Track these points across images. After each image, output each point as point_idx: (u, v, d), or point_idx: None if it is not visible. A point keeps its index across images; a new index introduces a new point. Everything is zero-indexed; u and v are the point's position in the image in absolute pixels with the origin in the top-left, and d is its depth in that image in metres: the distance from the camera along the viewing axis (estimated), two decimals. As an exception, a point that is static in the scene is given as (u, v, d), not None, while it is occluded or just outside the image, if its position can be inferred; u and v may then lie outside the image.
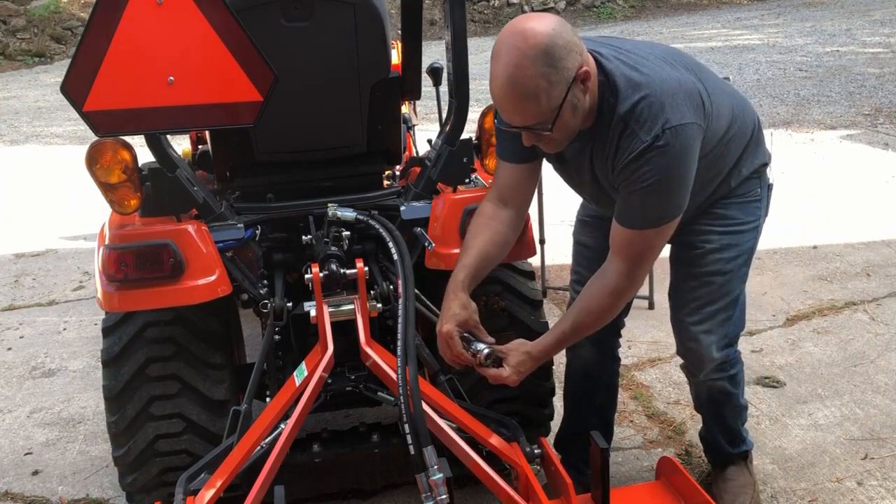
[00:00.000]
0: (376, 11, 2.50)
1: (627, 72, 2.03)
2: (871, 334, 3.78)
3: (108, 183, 2.30)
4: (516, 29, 1.91)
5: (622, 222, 2.10)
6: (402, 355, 2.10)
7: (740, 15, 16.04)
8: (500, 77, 1.91)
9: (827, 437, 3.01)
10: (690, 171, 2.06)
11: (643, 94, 1.99)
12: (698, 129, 2.04)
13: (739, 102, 2.33)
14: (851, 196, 5.74)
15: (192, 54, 2.06)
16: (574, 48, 1.92)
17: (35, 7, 14.93)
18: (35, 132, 9.54)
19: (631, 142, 2.00)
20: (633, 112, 1.99)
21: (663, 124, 1.97)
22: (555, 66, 1.88)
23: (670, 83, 2.03)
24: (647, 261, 2.14)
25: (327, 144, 2.66)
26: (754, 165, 2.36)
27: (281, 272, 2.55)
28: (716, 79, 2.25)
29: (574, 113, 1.98)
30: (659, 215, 2.07)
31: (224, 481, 2.13)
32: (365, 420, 2.81)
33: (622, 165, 2.03)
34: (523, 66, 1.87)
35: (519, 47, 1.87)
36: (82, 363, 3.91)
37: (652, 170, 1.99)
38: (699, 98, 2.07)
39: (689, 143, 2.02)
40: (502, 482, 2.16)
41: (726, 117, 2.20)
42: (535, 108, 1.93)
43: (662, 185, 2.02)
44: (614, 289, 2.14)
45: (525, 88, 1.89)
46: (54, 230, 5.94)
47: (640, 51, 2.12)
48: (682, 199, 2.08)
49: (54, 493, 2.95)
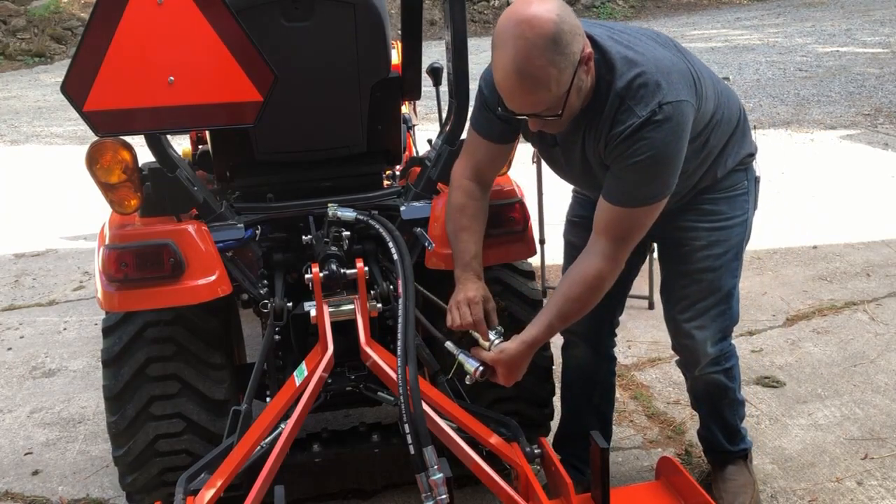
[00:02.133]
0: (376, 11, 2.50)
1: (622, 50, 2.04)
2: (871, 334, 3.79)
3: (108, 183, 2.30)
4: (521, 16, 1.87)
5: (610, 199, 2.09)
6: (402, 355, 2.10)
7: (740, 15, 16.05)
8: (508, 68, 1.89)
9: (827, 437, 3.02)
10: (682, 150, 2.06)
11: (639, 70, 2.00)
12: (691, 107, 2.05)
13: (723, 90, 2.33)
14: (851, 196, 5.74)
15: (192, 54, 2.06)
16: (577, 31, 1.92)
17: (35, 7, 14.93)
18: (35, 132, 9.54)
19: (627, 117, 2.00)
20: (630, 88, 2.00)
21: (660, 100, 1.98)
22: (563, 52, 1.87)
23: (664, 62, 2.05)
24: (631, 240, 2.14)
25: (327, 144, 2.66)
26: (740, 155, 2.36)
27: (281, 272, 2.55)
28: (701, 64, 2.26)
29: (578, 94, 1.99)
30: (649, 193, 2.07)
31: (224, 481, 2.13)
32: (365, 420, 2.80)
33: (617, 141, 2.03)
34: (532, 56, 1.85)
35: (526, 36, 1.85)
36: (82, 363, 3.91)
37: (646, 145, 1.99)
38: (691, 78, 2.09)
39: (683, 119, 2.02)
40: (502, 482, 2.16)
41: (713, 101, 2.21)
42: (545, 96, 1.93)
43: (655, 161, 2.02)
44: (598, 272, 2.13)
45: (535, 78, 1.88)
46: (54, 230, 5.94)
47: (631, 32, 2.15)
48: (672, 178, 2.08)
49: (54, 493, 2.96)
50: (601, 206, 2.12)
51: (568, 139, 2.18)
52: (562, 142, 2.21)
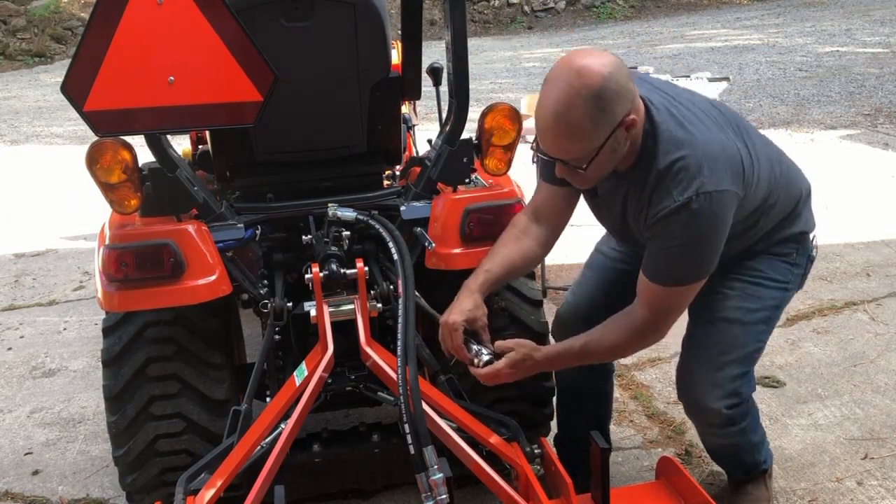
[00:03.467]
0: (376, 11, 2.50)
1: (673, 127, 2.01)
2: (871, 334, 3.79)
3: (108, 183, 2.30)
4: (574, 64, 1.89)
5: (647, 275, 2.09)
6: (402, 355, 2.10)
7: (740, 15, 16.05)
8: (548, 108, 1.91)
9: (827, 437, 3.01)
10: (720, 238, 2.04)
11: (683, 153, 1.97)
12: (734, 196, 2.02)
13: (784, 172, 2.25)
14: (851, 196, 5.74)
15: (192, 54, 2.06)
16: (626, 94, 1.91)
17: (35, 7, 14.94)
18: (35, 132, 9.55)
19: (663, 199, 1.99)
20: (671, 170, 1.98)
21: (698, 188, 1.95)
22: (603, 109, 1.88)
23: (714, 146, 2.00)
24: (670, 316, 2.12)
25: (327, 144, 2.66)
26: (790, 233, 2.30)
27: (281, 272, 2.55)
28: (765, 145, 2.21)
29: (612, 156, 1.98)
30: (684, 275, 2.06)
31: (224, 481, 2.13)
32: (365, 420, 2.81)
33: (653, 220, 2.02)
34: (572, 104, 1.87)
35: (572, 84, 1.87)
36: (82, 363, 3.91)
37: (681, 230, 1.98)
38: (741, 165, 2.04)
39: (722, 210, 2.00)
40: (502, 482, 2.16)
41: (765, 187, 2.15)
42: (574, 146, 1.93)
43: (689, 248, 2.01)
44: (637, 332, 2.12)
45: (569, 126, 1.89)
46: (54, 230, 5.94)
47: (693, 106, 2.09)
48: (710, 263, 2.07)
49: (54, 493, 2.96)
50: (641, 278, 2.11)
51: (610, 195, 2.17)
52: (603, 194, 2.20)
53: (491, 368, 2.16)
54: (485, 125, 2.55)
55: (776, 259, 2.31)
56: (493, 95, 9.82)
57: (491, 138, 2.54)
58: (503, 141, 2.55)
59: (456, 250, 2.45)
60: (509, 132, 2.54)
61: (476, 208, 2.45)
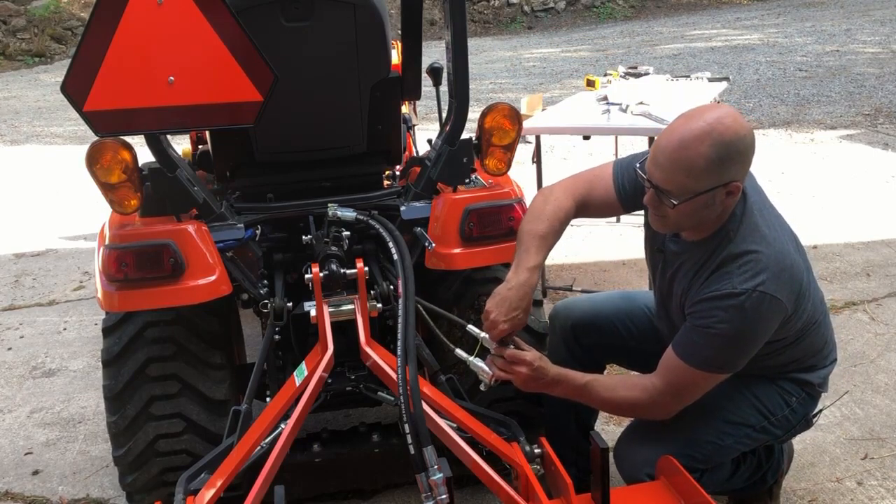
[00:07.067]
0: (376, 11, 2.50)
1: (760, 223, 2.06)
2: (871, 334, 3.78)
3: (108, 183, 2.30)
4: (722, 110, 1.96)
5: (676, 350, 2.09)
6: (402, 355, 2.10)
7: (740, 15, 16.06)
8: (676, 133, 1.94)
9: (827, 437, 3.01)
10: (758, 341, 2.05)
11: (760, 248, 2.01)
12: (783, 310, 2.03)
13: (823, 326, 2.27)
14: (851, 196, 5.74)
15: (192, 54, 2.06)
16: (744, 162, 1.97)
17: (35, 7, 14.94)
18: (35, 132, 9.55)
19: (721, 281, 2.01)
20: (742, 257, 2.00)
21: (758, 284, 1.97)
22: (722, 161, 1.91)
23: (786, 259, 2.04)
24: (682, 398, 2.12)
25: (327, 144, 2.66)
26: (803, 378, 2.28)
27: (281, 272, 2.55)
28: (817, 290, 2.24)
29: (702, 210, 1.99)
30: (711, 362, 2.06)
31: (224, 481, 2.12)
32: (365, 420, 2.81)
33: (702, 297, 2.03)
34: (702, 140, 1.90)
35: (712, 124, 1.91)
36: (82, 363, 3.91)
37: (725, 318, 1.99)
38: (800, 287, 2.07)
39: (770, 315, 2.01)
40: (502, 482, 2.15)
41: (803, 323, 2.16)
42: (680, 178, 1.94)
43: (726, 338, 2.01)
44: (644, 399, 2.13)
45: (687, 157, 1.92)
46: (54, 230, 5.94)
47: (779, 221, 2.15)
48: (739, 360, 2.07)
49: (54, 493, 2.96)
50: (668, 352, 2.11)
51: (671, 257, 2.18)
52: (666, 252, 2.21)
53: (517, 353, 2.15)
54: (485, 125, 2.56)
55: (776, 391, 2.28)
56: (493, 95, 9.83)
57: (491, 138, 2.54)
58: (503, 141, 2.55)
59: (456, 250, 2.45)
60: (509, 132, 2.55)
61: (476, 208, 2.45)
